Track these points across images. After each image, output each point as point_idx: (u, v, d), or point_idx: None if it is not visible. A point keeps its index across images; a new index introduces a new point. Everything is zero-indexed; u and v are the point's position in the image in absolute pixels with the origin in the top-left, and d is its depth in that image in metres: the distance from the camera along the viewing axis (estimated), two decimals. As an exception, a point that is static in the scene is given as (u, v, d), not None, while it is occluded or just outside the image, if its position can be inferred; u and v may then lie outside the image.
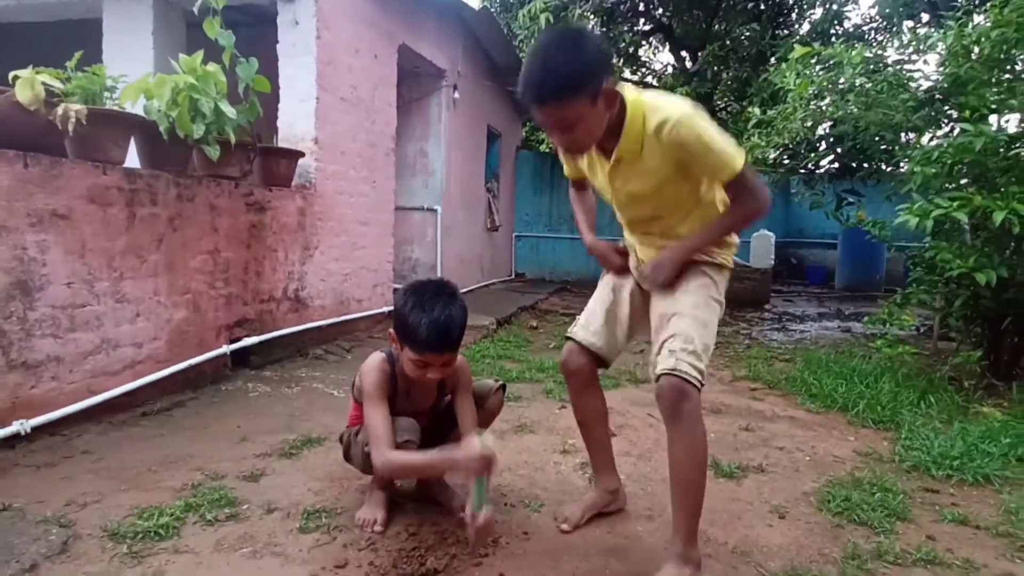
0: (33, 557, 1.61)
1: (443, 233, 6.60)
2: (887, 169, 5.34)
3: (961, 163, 3.34)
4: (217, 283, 3.34)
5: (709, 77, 7.74)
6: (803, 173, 6.37)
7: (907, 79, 4.02)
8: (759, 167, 4.77)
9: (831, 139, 5.49)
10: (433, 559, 1.65)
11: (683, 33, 8.09)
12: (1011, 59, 3.47)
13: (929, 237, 3.87)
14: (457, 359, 1.84)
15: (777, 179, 6.65)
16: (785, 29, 7.62)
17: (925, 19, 6.67)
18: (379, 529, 1.81)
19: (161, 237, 2.94)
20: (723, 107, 8.20)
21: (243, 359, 3.59)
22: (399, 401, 1.85)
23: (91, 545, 1.69)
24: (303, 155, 4.06)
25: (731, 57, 7.61)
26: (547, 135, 1.56)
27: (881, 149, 4.86)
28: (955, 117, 3.87)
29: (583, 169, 1.77)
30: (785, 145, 4.71)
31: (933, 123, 4.10)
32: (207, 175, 3.26)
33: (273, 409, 2.99)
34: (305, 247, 4.13)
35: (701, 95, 7.63)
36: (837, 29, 7.25)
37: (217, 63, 2.99)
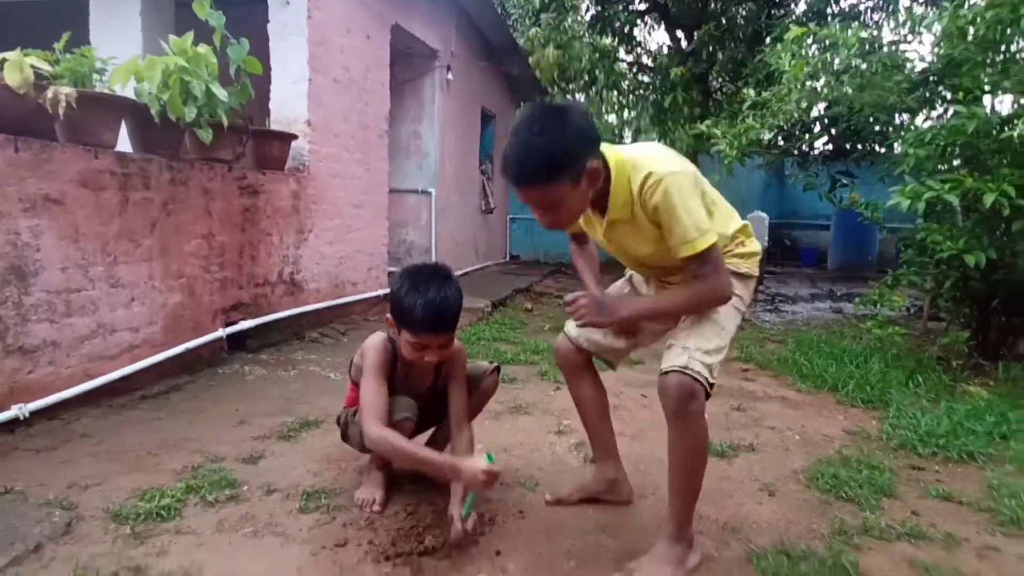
0: (37, 538, 1.63)
1: (437, 215, 6.59)
2: (881, 151, 5.34)
3: (954, 145, 3.36)
4: (212, 267, 3.34)
5: (704, 57, 7.68)
6: (797, 155, 6.38)
7: (902, 60, 4.01)
8: (754, 149, 4.77)
9: (825, 121, 5.50)
10: (431, 537, 1.68)
11: (679, 12, 8.01)
12: (1006, 40, 3.46)
13: (921, 219, 3.91)
14: (454, 343, 1.87)
15: (771, 161, 6.66)
16: (781, 9, 7.55)
17: (921, -1, 6.65)
18: (378, 508, 1.84)
19: (155, 221, 2.93)
20: (718, 88, 8.14)
21: (239, 343, 3.61)
22: (397, 383, 1.87)
23: (94, 526, 1.71)
24: (296, 138, 4.03)
25: (727, 37, 7.55)
26: (530, 211, 1.56)
27: (875, 131, 4.87)
28: (949, 99, 3.88)
29: (580, 224, 1.73)
30: (780, 127, 4.71)
31: (927, 104, 4.10)
32: (200, 158, 3.24)
33: (270, 392, 3.01)
34: (299, 230, 4.12)
35: (696, 75, 7.58)
36: (833, 8, 7.20)
37: (207, 44, 2.95)
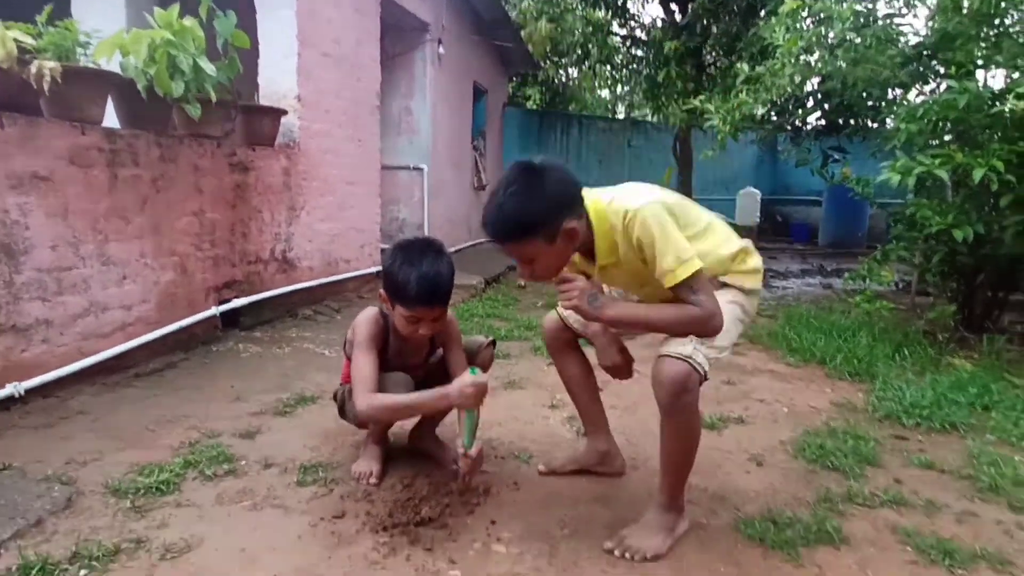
0: (38, 513, 1.65)
1: (430, 192, 6.55)
2: (873, 126, 5.35)
3: (945, 120, 3.37)
4: (204, 245, 3.32)
5: (698, 31, 7.60)
6: (790, 130, 6.37)
7: (896, 34, 4.00)
8: (747, 124, 4.76)
9: (819, 95, 5.48)
10: (427, 508, 1.72)
11: (673, -15, 7.91)
12: (999, 13, 3.46)
13: (911, 194, 3.94)
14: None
15: (764, 136, 6.65)
16: (777, -19, 7.46)
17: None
18: (375, 481, 1.88)
19: (145, 198, 2.91)
20: (712, 62, 8.07)
21: (233, 320, 3.61)
22: (391, 356, 1.89)
23: (94, 501, 1.74)
24: (286, 113, 3.98)
25: (721, 10, 7.46)
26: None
27: (868, 106, 4.87)
28: (942, 73, 3.88)
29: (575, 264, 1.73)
30: (773, 102, 4.69)
31: (920, 79, 4.10)
32: (188, 135, 3.20)
33: (265, 369, 3.02)
34: (291, 208, 4.10)
35: (690, 49, 7.51)
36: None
37: (193, 17, 2.90)
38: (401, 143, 6.51)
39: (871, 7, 4.13)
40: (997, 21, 3.52)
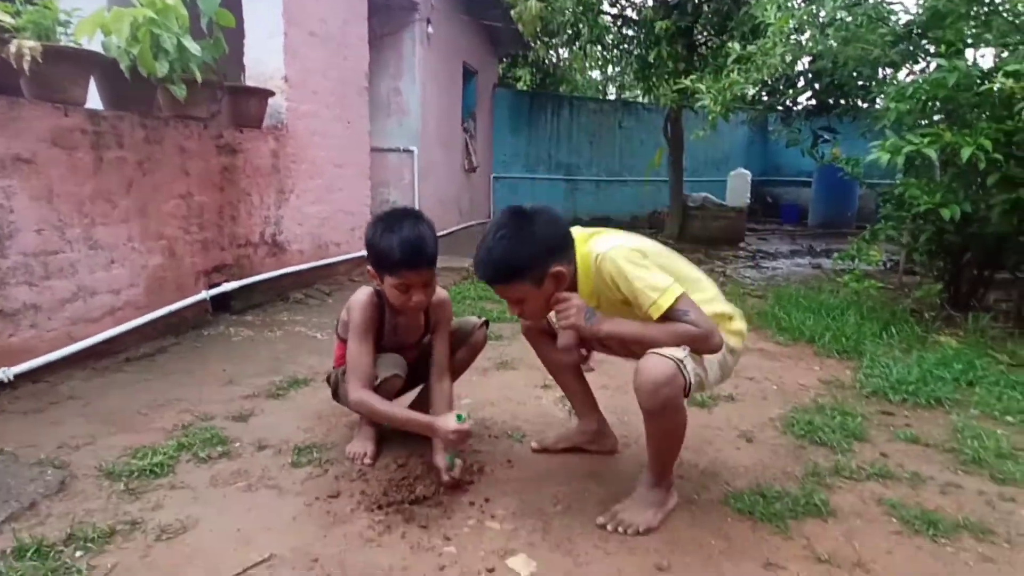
0: (32, 496, 1.65)
1: (420, 175, 6.50)
2: (863, 106, 5.35)
3: (935, 99, 3.37)
4: (192, 228, 3.29)
5: (689, 10, 7.51)
6: (780, 111, 6.36)
7: (887, 12, 3.98)
8: (738, 105, 4.75)
9: (809, 75, 5.47)
10: (422, 487, 1.73)
11: (664, -38, 7.79)
12: (990, -9, 3.45)
13: (900, 174, 3.95)
14: (440, 293, 1.89)
15: (755, 117, 6.65)
16: (768, -41, 7.38)
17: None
18: (369, 461, 1.89)
19: (130, 181, 2.87)
20: (703, 42, 8.00)
21: (223, 304, 3.59)
22: (387, 336, 1.89)
23: (88, 484, 1.74)
24: (273, 94, 3.93)
25: (712, -11, 7.39)
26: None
27: (858, 85, 4.86)
28: (932, 52, 3.87)
29: None
30: (764, 81, 4.68)
31: (910, 58, 4.10)
32: (174, 116, 3.15)
33: (257, 352, 3.02)
34: (280, 190, 4.06)
35: (681, 29, 7.43)
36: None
37: (176, -5, 2.83)
38: (390, 125, 6.45)
39: (862, -15, 4.10)
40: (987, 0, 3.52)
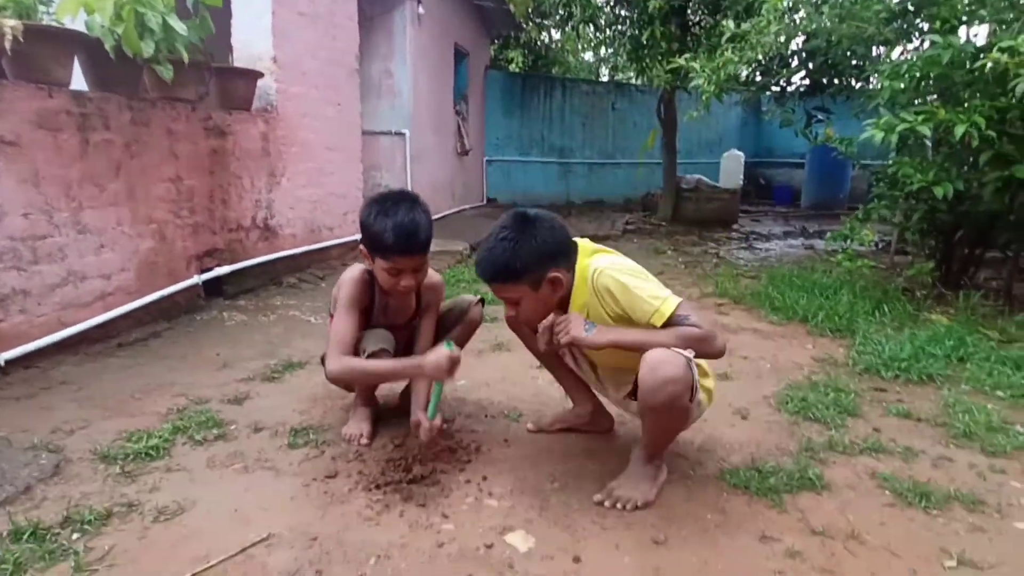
0: (26, 480, 1.64)
1: (412, 158, 6.44)
2: (857, 85, 5.33)
3: (928, 77, 3.37)
4: (182, 212, 3.25)
5: (683, -11, 7.44)
6: (774, 91, 6.33)
7: (882, -11, 3.95)
8: (731, 85, 4.72)
9: (803, 54, 5.43)
10: (419, 467, 1.74)
11: (657, -60, 7.68)
12: (985, -33, 3.43)
13: (893, 153, 3.95)
14: (434, 276, 1.88)
15: (749, 97, 6.61)
16: (762, -64, 7.30)
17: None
18: (365, 442, 1.89)
19: (118, 164, 2.82)
20: (697, 21, 7.92)
21: (216, 289, 3.56)
22: (376, 316, 1.88)
23: (83, 467, 1.73)
24: (262, 75, 3.86)
25: (706, -33, 7.31)
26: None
27: (852, 64, 4.84)
28: (926, 30, 3.86)
29: None
30: (758, 61, 4.65)
31: (904, 36, 4.08)
32: (161, 98, 3.09)
33: (251, 337, 3.00)
34: (271, 174, 4.01)
35: (674, 8, 7.36)
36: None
37: (161, -28, 2.77)
38: (382, 107, 6.37)
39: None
40: (982, -25, 3.49)
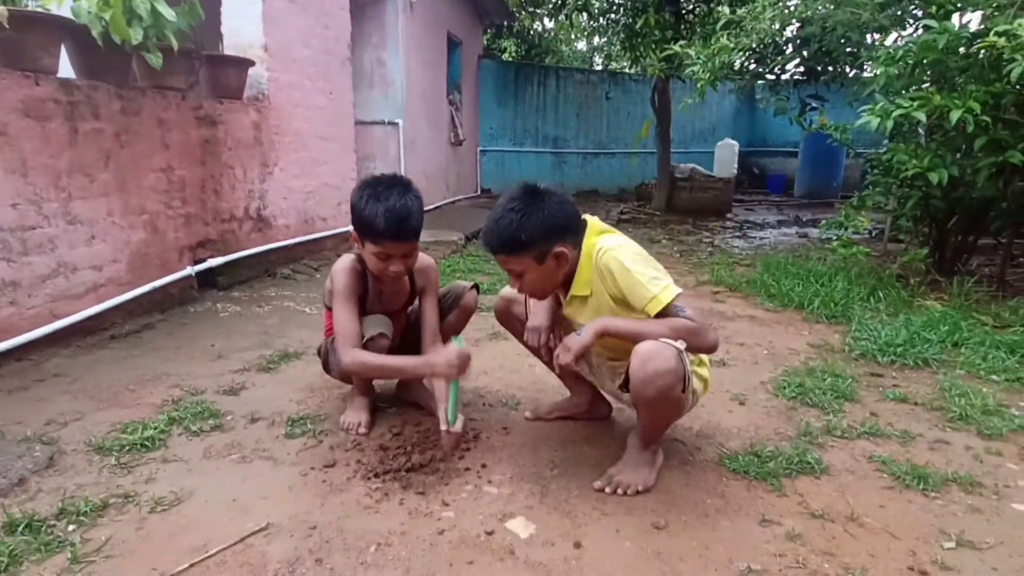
0: (20, 472, 1.62)
1: (406, 148, 6.40)
2: (851, 73, 5.32)
3: (923, 63, 3.36)
4: (174, 202, 3.21)
5: (677, -24, 7.40)
6: (769, 79, 6.31)
7: (877, -26, 3.93)
8: (726, 73, 4.70)
9: (798, 41, 5.41)
10: (417, 455, 1.73)
11: (650, -73, 7.62)
12: (980, -49, 3.41)
13: (887, 140, 3.95)
14: (424, 259, 1.86)
15: (743, 86, 6.60)
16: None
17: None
18: (363, 431, 1.88)
19: (108, 154, 2.78)
20: (691, 8, 7.90)
21: (210, 280, 3.53)
22: (371, 302, 1.87)
23: (78, 459, 1.71)
24: (253, 64, 3.81)
25: (700, -46, 7.28)
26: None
27: (846, 52, 4.82)
28: (920, 16, 3.84)
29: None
30: (752, 49, 4.63)
31: (899, 22, 4.07)
32: (151, 86, 3.05)
33: (246, 328, 2.98)
34: (264, 164, 3.97)
35: (669, -5, 7.33)
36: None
37: (148, -43, 2.72)
38: (375, 96, 6.32)
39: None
40: (978, -41, 3.47)
